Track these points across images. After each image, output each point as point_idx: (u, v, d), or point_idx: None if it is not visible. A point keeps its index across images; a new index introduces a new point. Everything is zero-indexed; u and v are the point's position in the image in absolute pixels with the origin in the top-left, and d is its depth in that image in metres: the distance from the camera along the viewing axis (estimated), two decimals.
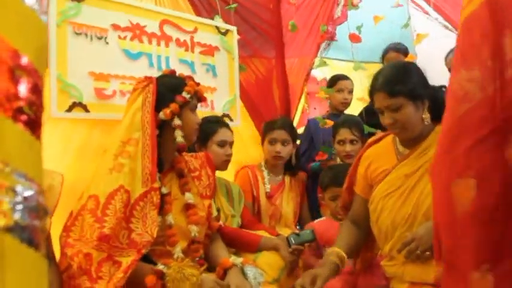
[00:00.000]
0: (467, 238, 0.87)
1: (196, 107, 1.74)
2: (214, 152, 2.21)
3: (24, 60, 0.48)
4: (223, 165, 2.29)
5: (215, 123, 2.29)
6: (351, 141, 2.54)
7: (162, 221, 1.61)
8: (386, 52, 2.98)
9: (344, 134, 2.54)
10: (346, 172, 2.25)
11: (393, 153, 1.71)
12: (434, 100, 1.62)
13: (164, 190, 1.64)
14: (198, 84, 1.75)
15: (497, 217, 0.85)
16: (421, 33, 2.23)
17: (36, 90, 0.49)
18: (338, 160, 2.61)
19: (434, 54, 2.65)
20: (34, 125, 0.48)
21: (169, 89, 1.66)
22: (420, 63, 2.92)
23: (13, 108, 0.47)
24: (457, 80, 0.89)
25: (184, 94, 1.66)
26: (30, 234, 0.47)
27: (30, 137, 0.48)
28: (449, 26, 2.47)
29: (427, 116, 1.61)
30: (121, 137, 1.58)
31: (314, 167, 2.77)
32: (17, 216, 0.46)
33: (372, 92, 1.66)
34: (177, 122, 1.64)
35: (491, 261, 0.86)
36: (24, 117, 0.48)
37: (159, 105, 1.63)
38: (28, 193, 0.47)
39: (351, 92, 3.01)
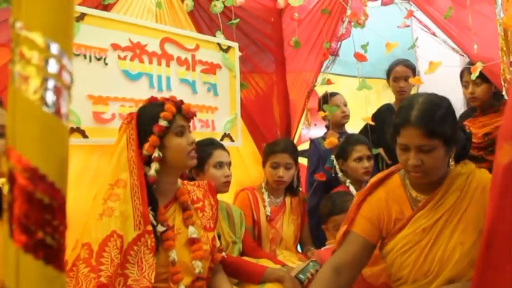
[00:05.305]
0: None
1: (183, 127, 1.61)
2: (212, 175, 2.13)
3: (45, 180, 0.41)
4: (224, 187, 2.20)
5: (209, 146, 2.20)
6: (368, 158, 2.54)
7: (165, 256, 1.54)
8: (395, 65, 2.87)
9: (362, 150, 2.53)
10: (344, 198, 2.21)
11: (405, 199, 1.54)
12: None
13: (161, 228, 1.55)
14: (180, 102, 1.63)
15: None
16: (434, 62, 2.10)
17: (60, 212, 0.42)
18: (347, 182, 2.57)
19: (437, 80, 2.58)
20: (57, 258, 0.41)
21: (148, 121, 1.56)
22: (423, 88, 2.88)
23: (33, 241, 0.40)
24: None
25: (160, 122, 1.55)
26: None
27: (53, 272, 0.41)
28: (456, 48, 2.41)
29: (452, 162, 1.48)
30: (109, 179, 1.51)
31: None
32: None
33: (401, 124, 1.41)
34: (155, 154, 1.55)
35: None
36: (45, 251, 0.40)
37: (142, 140, 1.55)
38: None
39: (345, 104, 3.00)
